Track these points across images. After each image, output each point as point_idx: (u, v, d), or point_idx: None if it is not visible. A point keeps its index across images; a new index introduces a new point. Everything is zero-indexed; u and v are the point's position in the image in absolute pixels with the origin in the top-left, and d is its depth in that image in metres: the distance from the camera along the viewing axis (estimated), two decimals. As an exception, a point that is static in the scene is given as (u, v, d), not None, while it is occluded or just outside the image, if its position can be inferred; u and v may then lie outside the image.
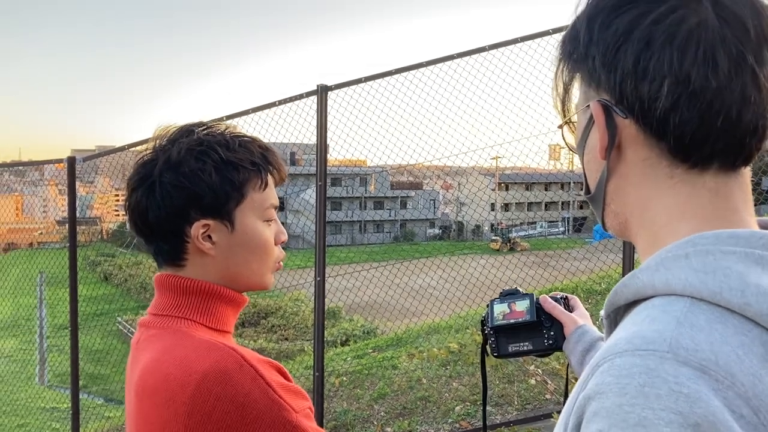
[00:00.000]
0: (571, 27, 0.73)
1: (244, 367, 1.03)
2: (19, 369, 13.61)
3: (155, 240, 1.18)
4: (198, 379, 1.01)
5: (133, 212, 1.18)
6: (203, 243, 1.15)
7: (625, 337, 0.61)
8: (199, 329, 1.13)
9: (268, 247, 1.21)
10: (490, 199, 12.31)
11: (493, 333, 1.27)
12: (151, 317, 1.18)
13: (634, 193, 0.72)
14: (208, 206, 1.14)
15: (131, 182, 1.18)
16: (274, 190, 1.23)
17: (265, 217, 1.20)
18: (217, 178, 1.14)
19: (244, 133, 1.22)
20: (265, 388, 1.03)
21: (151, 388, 1.07)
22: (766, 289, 0.60)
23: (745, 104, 0.64)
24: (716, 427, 0.53)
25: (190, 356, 1.05)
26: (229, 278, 1.19)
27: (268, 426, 1.02)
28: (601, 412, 0.57)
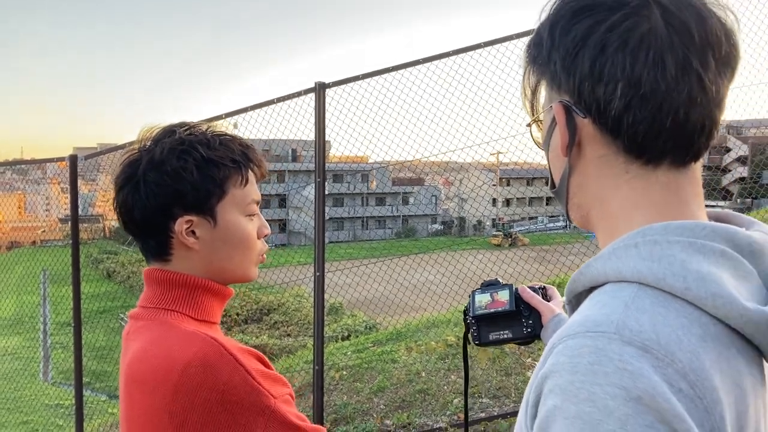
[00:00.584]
0: (535, 33, 0.78)
1: (225, 356, 1.09)
2: (23, 366, 13.67)
3: (142, 236, 1.23)
4: (181, 368, 1.07)
5: (120, 210, 1.24)
6: (187, 238, 1.20)
7: (578, 320, 0.66)
8: (185, 320, 1.18)
9: (250, 240, 1.26)
10: (491, 194, 12.35)
11: (475, 322, 1.31)
12: (141, 309, 1.23)
13: (593, 187, 0.77)
14: (190, 203, 1.19)
15: (118, 181, 1.23)
16: (256, 185, 1.28)
17: (247, 212, 1.25)
18: (199, 175, 1.19)
19: (225, 132, 1.27)
20: (245, 376, 1.08)
21: (139, 376, 1.13)
22: (705, 275, 0.65)
23: (692, 105, 0.69)
24: (656, 399, 0.59)
25: (175, 346, 1.11)
26: (214, 271, 1.24)
27: (247, 410, 1.08)
28: (556, 389, 0.62)
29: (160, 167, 1.19)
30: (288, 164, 25.69)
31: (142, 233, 1.24)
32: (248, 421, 1.08)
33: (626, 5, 0.70)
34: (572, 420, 0.60)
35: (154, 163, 1.19)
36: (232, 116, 5.22)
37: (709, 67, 0.69)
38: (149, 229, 1.22)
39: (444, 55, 4.54)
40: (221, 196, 1.21)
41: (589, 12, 0.71)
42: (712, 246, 0.68)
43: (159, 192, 1.18)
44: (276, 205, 33.94)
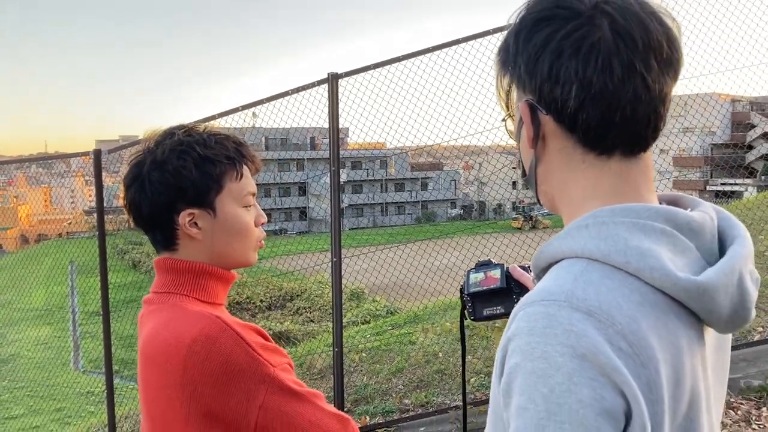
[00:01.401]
0: (504, 40, 0.88)
1: (227, 331, 1.20)
2: (54, 355, 13.98)
3: (151, 229, 1.36)
4: (188, 343, 1.19)
5: (129, 207, 1.37)
6: (190, 229, 1.32)
7: (536, 291, 0.77)
8: (192, 303, 1.30)
9: (248, 229, 1.38)
10: (510, 177, 12.30)
11: (470, 299, 1.39)
12: (153, 295, 1.36)
13: (556, 175, 0.87)
14: (191, 198, 1.31)
15: (126, 181, 1.36)
16: (251, 178, 1.40)
17: (244, 203, 1.37)
18: (198, 173, 1.31)
19: (220, 131, 1.39)
20: (246, 348, 1.20)
21: (152, 353, 1.26)
22: (645, 250, 0.75)
23: (637, 102, 0.79)
24: (597, 356, 0.69)
25: (182, 325, 1.22)
26: (217, 257, 1.36)
27: (249, 379, 1.19)
28: (516, 349, 0.73)
29: (162, 167, 1.31)
30: (307, 152, 25.75)
31: (150, 227, 1.36)
32: (250, 388, 1.20)
33: (580, 16, 0.79)
34: (529, 374, 0.70)
35: (157, 163, 1.32)
36: (249, 108, 5.28)
37: (652, 68, 0.79)
38: (156, 223, 1.35)
39: (454, 42, 4.57)
40: (219, 190, 1.33)
41: (548, 22, 0.81)
42: (653, 225, 0.78)
43: (162, 189, 1.31)
44: (296, 193, 34.09)
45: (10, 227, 18.30)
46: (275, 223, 28.38)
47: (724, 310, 0.78)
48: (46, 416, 9.67)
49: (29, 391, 10.72)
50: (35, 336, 15.59)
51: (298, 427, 1.23)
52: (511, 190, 16.04)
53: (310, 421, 1.24)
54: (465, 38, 4.52)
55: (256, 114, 5.64)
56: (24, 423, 9.81)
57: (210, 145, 1.34)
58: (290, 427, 1.22)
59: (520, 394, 0.71)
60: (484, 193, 24.62)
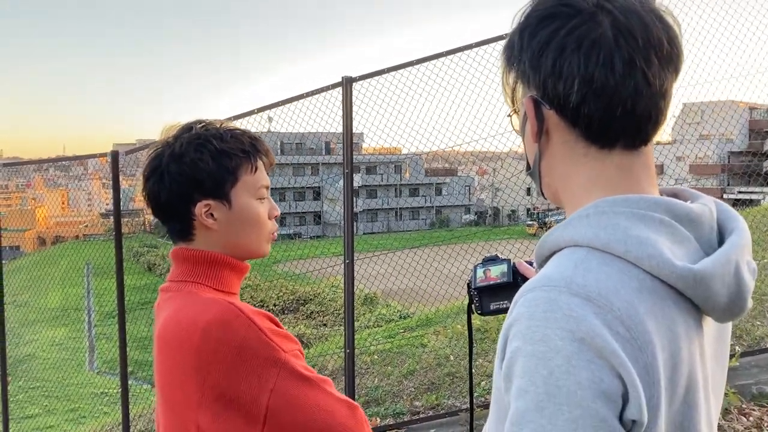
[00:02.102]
0: (509, 37, 0.90)
1: (240, 317, 1.24)
2: (69, 356, 14.11)
3: (169, 220, 1.41)
4: (203, 328, 1.23)
5: (148, 198, 1.41)
6: (206, 219, 1.37)
7: (538, 277, 0.79)
8: (206, 291, 1.34)
9: (261, 220, 1.42)
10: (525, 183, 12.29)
11: (477, 293, 1.40)
12: (169, 283, 1.40)
13: (560, 168, 0.89)
14: (208, 189, 1.36)
15: (145, 173, 1.41)
16: (265, 172, 1.44)
17: (258, 195, 1.42)
18: (214, 165, 1.35)
19: (236, 126, 1.44)
20: (258, 333, 1.24)
21: (168, 338, 1.29)
22: (644, 239, 0.77)
23: (638, 97, 0.81)
24: (595, 339, 0.71)
25: (197, 310, 1.26)
26: (231, 248, 1.40)
27: (261, 363, 1.23)
28: (518, 333, 0.75)
29: (180, 159, 1.36)
30: (322, 157, 25.85)
31: (168, 217, 1.41)
32: (262, 372, 1.23)
33: (581, 13, 0.82)
34: (529, 357, 0.73)
35: (175, 156, 1.36)
36: (264, 111, 5.32)
37: (653, 64, 0.81)
38: (174, 214, 1.39)
39: (467, 47, 4.57)
40: (234, 182, 1.38)
41: (552, 19, 0.84)
42: (652, 215, 0.80)
43: (180, 180, 1.36)
44: (311, 197, 34.18)
45: (28, 229, 18.53)
46: (289, 227, 28.45)
47: (720, 298, 0.79)
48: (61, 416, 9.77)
49: (44, 391, 10.83)
50: (51, 336, 15.73)
51: (308, 411, 1.26)
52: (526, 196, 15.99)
53: (318, 406, 1.27)
54: (479, 42, 4.53)
55: (271, 118, 5.69)
56: (39, 423, 9.91)
57: (226, 139, 1.38)
58: (300, 410, 1.25)
59: (521, 377, 0.73)
60: (498, 198, 24.58)
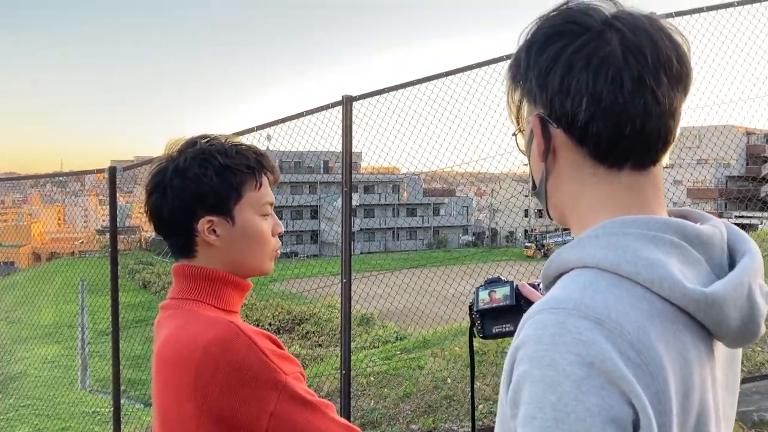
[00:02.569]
0: (515, 55, 0.88)
1: (241, 337, 1.22)
2: (62, 374, 13.97)
3: (170, 236, 1.39)
4: (203, 348, 1.20)
5: (151, 213, 1.39)
6: (209, 236, 1.35)
7: (545, 299, 0.76)
8: (207, 309, 1.31)
9: (264, 237, 1.40)
10: (523, 205, 12.27)
11: (479, 316, 1.37)
12: (170, 301, 1.38)
13: (566, 188, 0.87)
14: (211, 205, 1.33)
15: (148, 188, 1.38)
16: (269, 189, 1.42)
17: (262, 212, 1.40)
18: (218, 180, 1.33)
19: (241, 142, 1.41)
20: (259, 354, 1.21)
21: (167, 357, 1.27)
22: (654, 261, 0.75)
23: (647, 116, 0.79)
24: (605, 364, 0.69)
25: (197, 330, 1.24)
26: (233, 265, 1.38)
27: (262, 385, 1.20)
28: (525, 357, 0.73)
29: (184, 174, 1.34)
30: (320, 176, 25.89)
31: (170, 233, 1.39)
32: (263, 394, 1.20)
33: (590, 31, 0.80)
34: (537, 382, 0.70)
35: (179, 170, 1.34)
36: (263, 129, 5.32)
37: (662, 83, 0.79)
38: (176, 229, 1.37)
39: (468, 68, 4.60)
40: (238, 198, 1.36)
41: (559, 36, 0.82)
42: (663, 237, 0.78)
43: (183, 196, 1.33)
44: (308, 216, 34.17)
45: (23, 244, 18.44)
46: (286, 246, 28.42)
47: (733, 322, 0.77)
48: (52, 435, 9.62)
49: (35, 409, 10.68)
50: (43, 354, 15.59)
51: None
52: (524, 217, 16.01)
53: (319, 430, 1.24)
54: (479, 63, 4.55)
55: (270, 136, 5.68)
56: (29, 441, 9.75)
57: (231, 154, 1.37)
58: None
59: (528, 403, 0.70)
60: (496, 219, 24.57)
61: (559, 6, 0.85)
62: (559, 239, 19.66)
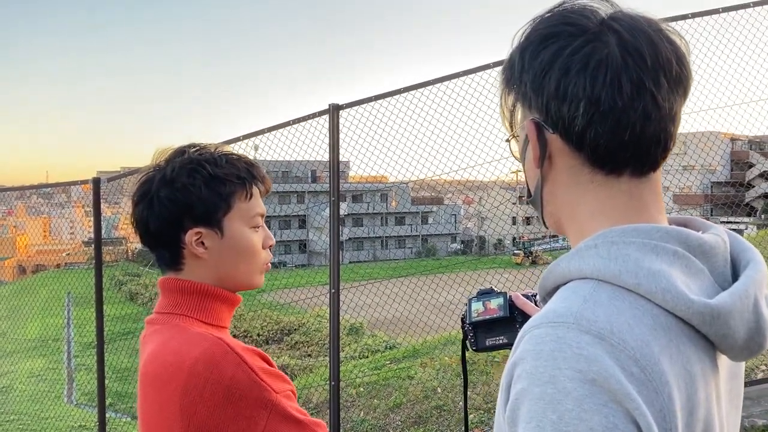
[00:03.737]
0: (509, 57, 0.85)
1: (230, 354, 1.18)
2: (48, 388, 13.80)
3: (157, 247, 1.34)
4: (190, 365, 1.16)
5: (137, 224, 1.35)
6: (197, 248, 1.31)
7: (543, 313, 0.73)
8: (195, 324, 1.28)
9: (255, 250, 1.36)
10: (511, 212, 12.29)
11: (472, 329, 1.34)
12: (156, 315, 1.34)
13: (564, 195, 0.84)
14: (199, 216, 1.29)
15: (134, 198, 1.35)
16: (260, 199, 1.38)
17: (252, 224, 1.36)
18: (207, 191, 1.29)
19: (231, 151, 1.38)
20: (248, 372, 1.18)
21: (153, 374, 1.23)
22: (656, 272, 0.72)
23: (647, 120, 0.77)
24: (608, 381, 0.66)
25: (184, 346, 1.20)
26: (222, 279, 1.34)
27: (251, 404, 1.17)
28: (523, 373, 0.69)
29: (171, 184, 1.30)
30: (308, 185, 25.85)
31: (156, 244, 1.34)
32: (252, 414, 1.17)
33: (587, 32, 0.78)
34: (536, 401, 0.67)
35: (166, 180, 1.31)
36: (250, 138, 5.29)
37: (662, 86, 0.77)
38: (163, 241, 1.33)
39: (454, 75, 4.61)
40: (227, 209, 1.32)
41: (555, 38, 0.79)
42: (665, 246, 0.75)
43: (170, 207, 1.29)
44: (296, 226, 34.07)
45: (8, 257, 18.24)
46: (275, 256, 28.23)
47: (738, 335, 0.74)
48: (37, 451, 9.48)
49: (20, 424, 10.53)
50: (29, 368, 15.40)
51: None
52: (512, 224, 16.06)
53: None
54: (466, 71, 4.55)
55: (257, 146, 5.65)
56: (14, 457, 9.60)
57: (221, 164, 1.33)
58: None
59: (527, 422, 0.67)
60: (484, 227, 24.60)
61: (554, 7, 0.83)
62: (548, 246, 19.73)
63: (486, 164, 5.43)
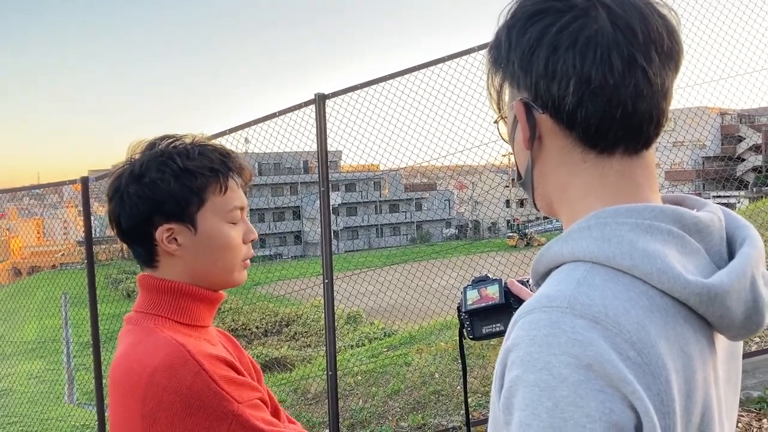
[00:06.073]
0: (495, 36, 0.83)
1: (189, 362, 1.14)
2: (47, 389, 13.79)
3: (131, 244, 1.30)
4: (150, 373, 1.14)
5: (111, 221, 1.32)
6: (168, 245, 1.26)
7: (536, 297, 0.72)
8: (167, 325, 1.23)
9: (231, 245, 1.30)
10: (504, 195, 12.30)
11: (468, 317, 1.33)
12: (133, 313, 1.30)
13: (555, 176, 0.82)
14: (170, 211, 1.24)
15: (107, 194, 1.31)
16: (239, 192, 1.32)
17: (229, 218, 1.30)
18: (177, 185, 1.24)
19: (208, 142, 1.32)
20: (208, 382, 1.13)
21: (118, 380, 1.20)
22: (651, 252, 0.71)
23: (639, 97, 0.75)
24: (604, 366, 0.65)
25: (147, 352, 1.17)
26: (199, 276, 1.29)
27: (210, 415, 1.12)
28: (517, 360, 0.68)
29: (140, 179, 1.26)
30: (300, 176, 25.76)
31: (130, 241, 1.31)
32: (211, 425, 1.12)
33: (575, 8, 0.75)
34: (531, 387, 0.65)
35: (135, 175, 1.26)
36: (237, 131, 5.28)
37: (653, 61, 0.75)
38: (135, 238, 1.29)
39: (440, 60, 4.59)
40: (200, 204, 1.26)
41: (542, 15, 0.77)
42: (659, 226, 0.73)
43: (139, 203, 1.25)
44: (290, 217, 34.02)
45: (2, 260, 18.17)
46: (270, 248, 28.21)
47: (736, 315, 0.73)
48: (40, 451, 9.49)
49: (22, 426, 10.54)
50: (28, 370, 15.39)
51: None
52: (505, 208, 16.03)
53: None
54: (451, 56, 4.53)
55: (248, 139, 5.63)
56: (17, 459, 9.62)
57: (192, 156, 1.27)
58: None
59: (523, 409, 0.66)
60: (478, 212, 24.63)
61: None
62: (541, 228, 19.76)
63: (475, 148, 5.44)
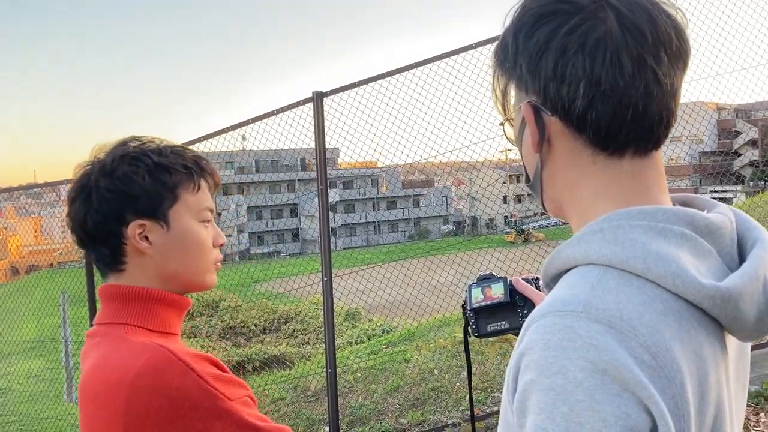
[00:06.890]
0: (501, 39, 0.82)
1: (175, 363, 1.09)
2: (46, 387, 13.78)
3: (96, 246, 1.23)
4: (132, 378, 1.07)
5: (73, 222, 1.23)
6: (140, 242, 1.20)
7: (549, 301, 0.71)
8: (139, 333, 1.17)
9: (204, 245, 1.26)
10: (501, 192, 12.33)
11: (473, 315, 1.34)
12: (97, 327, 1.22)
13: (564, 179, 0.82)
14: (142, 207, 1.19)
15: (70, 194, 1.24)
16: (209, 194, 1.29)
17: (201, 218, 1.26)
18: (150, 180, 1.20)
19: (177, 144, 1.29)
20: (197, 380, 1.08)
21: (93, 392, 1.13)
22: (665, 255, 0.70)
23: (649, 98, 0.74)
24: (620, 370, 0.64)
25: (125, 358, 1.10)
26: (169, 278, 1.23)
27: (203, 415, 1.08)
28: (531, 364, 0.68)
29: (111, 174, 1.20)
30: (298, 173, 25.78)
31: (95, 243, 1.23)
32: (204, 425, 1.08)
33: (583, 10, 0.75)
34: (546, 392, 0.65)
35: (106, 170, 1.21)
36: (235, 129, 5.28)
37: (663, 62, 0.75)
38: (102, 237, 1.22)
39: (437, 57, 4.60)
40: (173, 200, 1.22)
41: (550, 17, 0.76)
42: (672, 228, 0.73)
43: (110, 198, 1.19)
44: (288, 215, 34.03)
45: (0, 259, 18.15)
46: (268, 246, 28.25)
47: (749, 317, 0.73)
48: (40, 450, 9.50)
49: (21, 425, 10.55)
50: (27, 369, 15.38)
51: None
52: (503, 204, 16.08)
53: None
54: (449, 53, 4.54)
55: (246, 137, 5.63)
56: (17, 458, 9.63)
57: (166, 153, 1.24)
58: None
59: (537, 413, 0.66)
60: (475, 208, 24.64)
61: None
62: (538, 224, 19.78)
63: (473, 145, 5.45)
